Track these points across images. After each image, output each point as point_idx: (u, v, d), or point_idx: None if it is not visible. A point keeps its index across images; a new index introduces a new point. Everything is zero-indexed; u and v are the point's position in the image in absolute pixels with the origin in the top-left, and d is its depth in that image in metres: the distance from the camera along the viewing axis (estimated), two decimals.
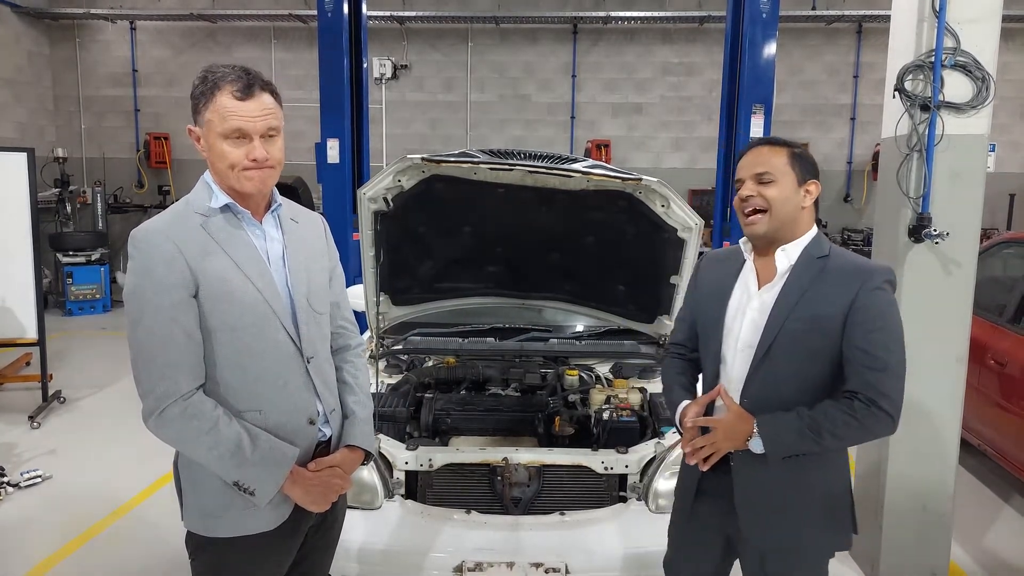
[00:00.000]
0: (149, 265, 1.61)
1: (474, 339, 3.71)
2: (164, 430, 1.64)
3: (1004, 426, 4.08)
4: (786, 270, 1.84)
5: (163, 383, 1.61)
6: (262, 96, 1.66)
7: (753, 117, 5.41)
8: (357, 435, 1.90)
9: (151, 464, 4.36)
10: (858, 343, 1.74)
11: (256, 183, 1.69)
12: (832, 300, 1.77)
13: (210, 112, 1.63)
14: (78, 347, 7.70)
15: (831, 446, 1.76)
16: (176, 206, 1.72)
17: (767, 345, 1.81)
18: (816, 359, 1.79)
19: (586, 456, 2.70)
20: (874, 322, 1.74)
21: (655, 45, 10.64)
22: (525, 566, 2.40)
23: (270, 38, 10.83)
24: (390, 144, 10.80)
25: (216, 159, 1.67)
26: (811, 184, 1.84)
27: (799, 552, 1.89)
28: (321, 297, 1.86)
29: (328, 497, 1.80)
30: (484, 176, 2.95)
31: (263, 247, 1.76)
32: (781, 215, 1.82)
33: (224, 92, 1.62)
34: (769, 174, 1.82)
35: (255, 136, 1.66)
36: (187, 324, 1.62)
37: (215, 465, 1.65)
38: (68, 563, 3.49)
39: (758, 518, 1.88)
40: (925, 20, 3.02)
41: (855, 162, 10.67)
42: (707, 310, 2.00)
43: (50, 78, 11.00)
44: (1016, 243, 4.75)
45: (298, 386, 1.77)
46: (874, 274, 1.77)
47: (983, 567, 3.56)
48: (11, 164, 5.31)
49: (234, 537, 1.72)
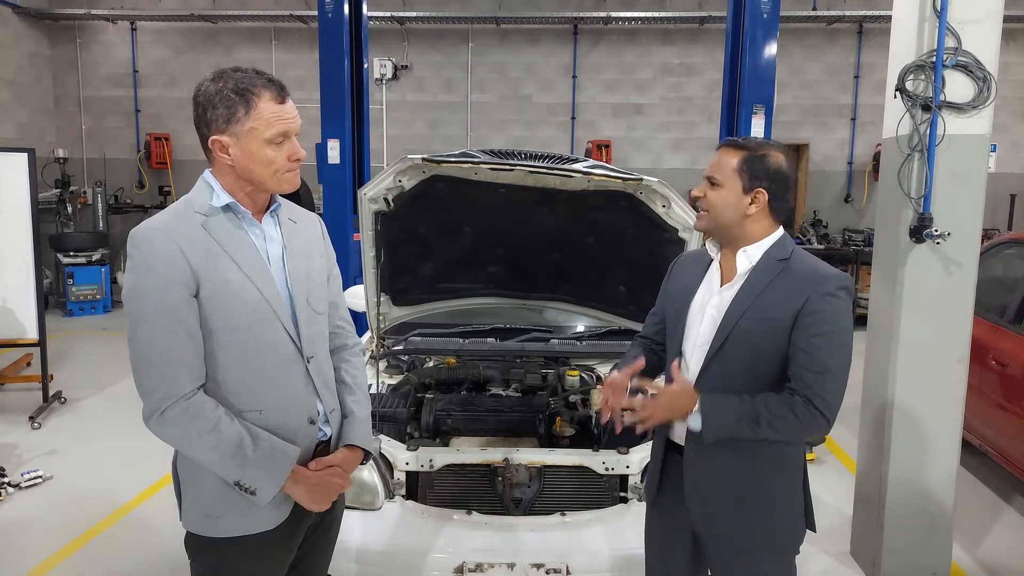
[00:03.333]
0: (150, 264, 1.60)
1: (475, 339, 3.71)
2: (165, 430, 1.63)
3: (1005, 427, 4.07)
4: (746, 271, 1.88)
5: (165, 383, 1.60)
6: (290, 99, 1.71)
7: (754, 117, 5.41)
8: (356, 435, 1.91)
9: (152, 465, 4.35)
10: (802, 345, 1.77)
11: (294, 181, 1.73)
12: (784, 303, 1.80)
13: (253, 120, 1.63)
14: (79, 348, 7.70)
15: (767, 436, 1.79)
16: (176, 205, 1.71)
17: (720, 342, 1.86)
18: (766, 358, 1.83)
19: (587, 457, 2.70)
20: (820, 326, 1.76)
21: (655, 45, 10.64)
22: (526, 567, 2.39)
23: (271, 39, 10.83)
24: (390, 145, 10.81)
25: (258, 165, 1.66)
26: (758, 192, 1.86)
27: (748, 546, 1.92)
28: (320, 297, 1.86)
29: (329, 496, 1.80)
30: (485, 176, 2.95)
31: (263, 247, 1.75)
32: (720, 219, 1.89)
33: (264, 99, 1.64)
34: (716, 178, 1.88)
35: (293, 136, 1.70)
36: (188, 324, 1.62)
37: (216, 465, 1.65)
38: (68, 564, 3.49)
39: (706, 508, 1.92)
40: (926, 20, 3.02)
41: (856, 162, 10.67)
42: (673, 306, 2.05)
43: (51, 78, 11.00)
44: (1017, 243, 4.74)
45: (298, 386, 1.78)
46: (827, 280, 1.79)
47: (984, 568, 3.55)
48: (12, 164, 5.31)
49: (235, 537, 1.71)
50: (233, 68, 1.66)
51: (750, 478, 1.88)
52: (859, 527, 3.56)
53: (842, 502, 3.98)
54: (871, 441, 3.43)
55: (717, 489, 1.90)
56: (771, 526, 1.92)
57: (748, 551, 1.93)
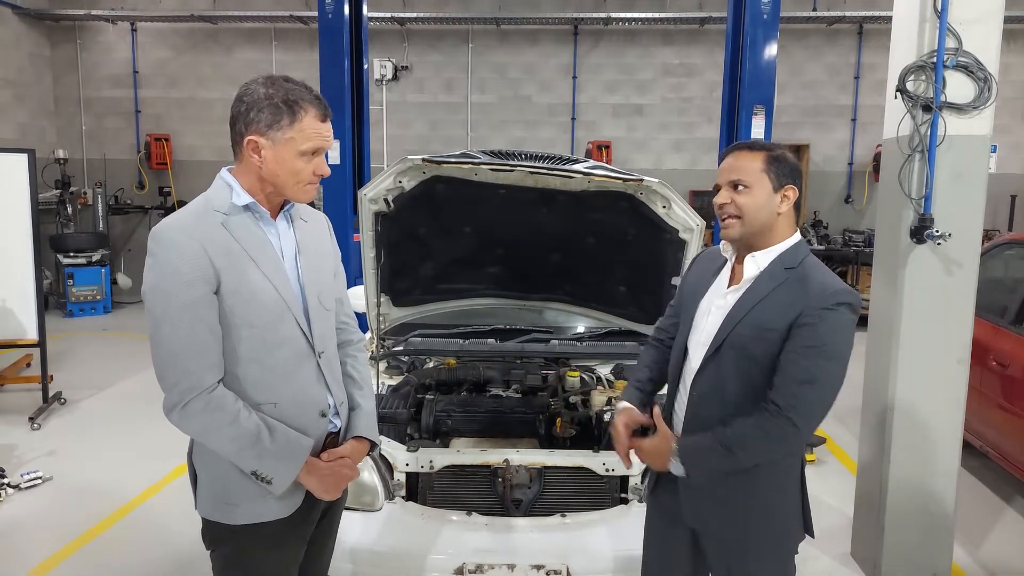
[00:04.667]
0: (173, 261, 1.65)
1: (475, 340, 3.71)
2: (187, 422, 1.69)
3: (1006, 428, 4.07)
4: (753, 276, 1.87)
5: (188, 377, 1.66)
6: (330, 118, 1.78)
7: (754, 118, 5.41)
8: (363, 427, 1.99)
9: (152, 465, 4.34)
10: (789, 355, 1.75)
11: (312, 194, 1.80)
12: (780, 313, 1.77)
13: (294, 131, 1.69)
14: (79, 348, 7.70)
15: (745, 462, 1.81)
16: (195, 204, 1.76)
17: (717, 345, 1.87)
18: (759, 365, 1.81)
19: (587, 458, 2.69)
20: (811, 339, 1.73)
21: (656, 46, 10.64)
22: (526, 568, 2.39)
23: (271, 39, 10.83)
24: (391, 145, 10.80)
25: (286, 173, 1.72)
26: (788, 189, 1.84)
27: (744, 546, 1.93)
28: (329, 294, 1.93)
29: (339, 486, 1.88)
30: (485, 177, 2.95)
31: (278, 245, 1.82)
32: (755, 222, 1.84)
33: (310, 114, 1.71)
34: (743, 181, 1.83)
35: (323, 153, 1.77)
36: (210, 320, 1.68)
37: (235, 456, 1.71)
38: (68, 564, 3.48)
39: (701, 507, 1.94)
40: (927, 21, 3.02)
41: (856, 163, 10.66)
42: (686, 304, 2.06)
43: (51, 79, 11.00)
44: (1018, 244, 4.74)
45: (310, 380, 1.85)
46: (827, 294, 1.75)
47: (985, 569, 3.55)
48: (12, 165, 5.31)
49: (251, 524, 1.78)
50: (284, 78, 1.73)
51: (742, 478, 1.87)
52: (860, 528, 3.56)
53: (842, 503, 3.97)
54: (872, 442, 3.42)
55: (710, 487, 1.91)
56: (767, 527, 1.92)
57: (744, 552, 1.94)
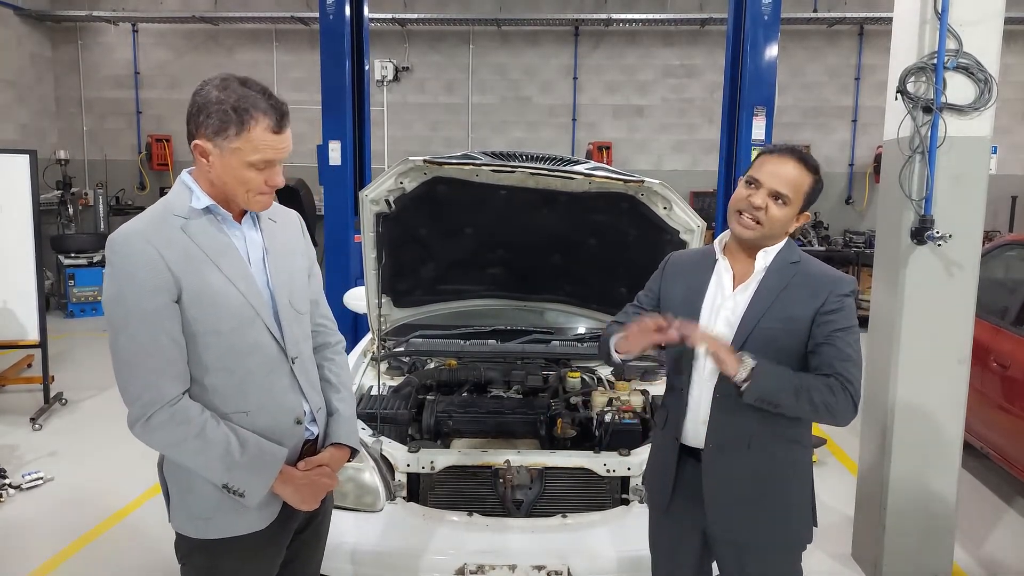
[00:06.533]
0: (130, 270, 1.58)
1: (476, 341, 3.71)
2: (151, 436, 1.63)
3: (1007, 428, 4.07)
4: (761, 271, 1.92)
5: (148, 390, 1.60)
6: (289, 127, 1.68)
7: (755, 119, 5.41)
8: (342, 433, 1.92)
9: (153, 466, 4.32)
10: (825, 339, 1.84)
11: (265, 204, 1.72)
12: (805, 302, 1.87)
13: (241, 142, 1.60)
14: (80, 349, 7.70)
15: (799, 409, 1.82)
16: (154, 208, 1.68)
17: (740, 343, 1.87)
18: (785, 357, 1.86)
19: (588, 458, 2.70)
20: (841, 322, 1.85)
21: (656, 47, 10.64)
22: (527, 569, 2.39)
23: (272, 40, 10.85)
24: (391, 146, 10.81)
25: (234, 182, 1.64)
26: (805, 216, 1.95)
27: (764, 545, 1.95)
28: (302, 297, 1.86)
29: (317, 496, 1.81)
30: (486, 178, 2.95)
31: (243, 248, 1.74)
32: (770, 233, 1.91)
33: (260, 125, 1.60)
34: (787, 197, 1.87)
35: (277, 164, 1.68)
36: (171, 329, 1.61)
37: (204, 469, 1.65)
38: (69, 565, 3.48)
39: (725, 510, 1.94)
40: (927, 22, 3.02)
41: (856, 164, 10.67)
42: (679, 309, 1.98)
43: (52, 80, 11.02)
44: (1018, 245, 4.74)
45: (284, 387, 1.78)
46: (842, 283, 1.90)
47: (986, 570, 3.55)
48: (13, 166, 5.31)
49: (225, 538, 1.72)
50: (242, 80, 1.62)
51: (768, 478, 1.91)
52: (860, 529, 3.56)
53: (843, 504, 3.97)
54: (872, 443, 3.42)
55: (737, 491, 1.92)
56: (785, 524, 1.95)
57: (761, 549, 1.95)
